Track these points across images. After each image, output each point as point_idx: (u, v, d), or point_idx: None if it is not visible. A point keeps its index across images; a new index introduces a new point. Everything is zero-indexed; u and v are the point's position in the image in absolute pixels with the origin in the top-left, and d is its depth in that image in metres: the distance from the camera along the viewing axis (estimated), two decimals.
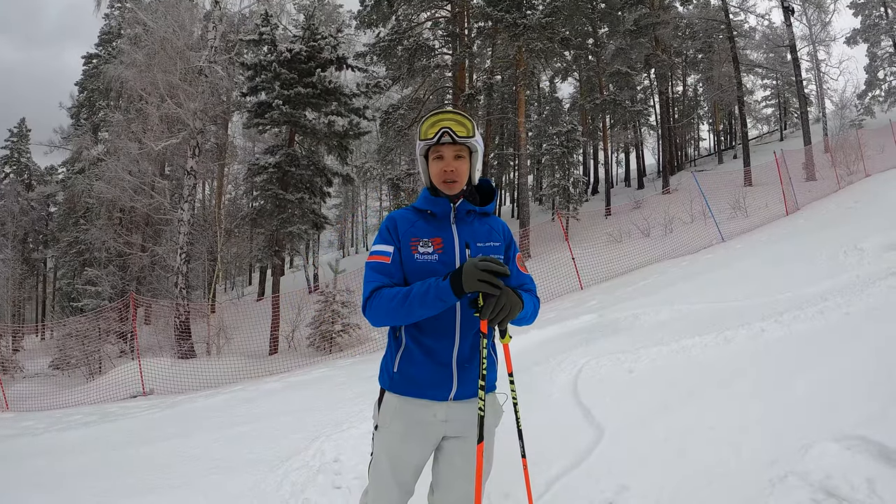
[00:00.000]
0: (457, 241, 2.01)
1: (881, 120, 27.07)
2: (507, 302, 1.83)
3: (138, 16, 20.51)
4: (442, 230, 2.02)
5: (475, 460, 2.00)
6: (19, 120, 39.66)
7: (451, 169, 1.99)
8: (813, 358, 4.27)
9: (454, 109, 2.01)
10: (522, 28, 21.81)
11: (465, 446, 2.04)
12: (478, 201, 2.14)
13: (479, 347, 2.01)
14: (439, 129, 1.95)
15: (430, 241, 1.99)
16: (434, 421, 2.01)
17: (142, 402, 10.18)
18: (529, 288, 2.15)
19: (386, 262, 1.99)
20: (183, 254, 18.71)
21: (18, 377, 18.38)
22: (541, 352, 6.54)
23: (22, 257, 35.40)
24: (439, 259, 1.97)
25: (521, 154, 24.46)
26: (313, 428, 5.07)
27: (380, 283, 1.97)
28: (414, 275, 1.97)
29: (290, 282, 31.69)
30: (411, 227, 2.03)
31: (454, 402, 2.02)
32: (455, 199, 2.04)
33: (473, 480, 2.03)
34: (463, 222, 2.05)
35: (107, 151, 23.51)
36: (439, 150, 1.99)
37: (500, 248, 2.09)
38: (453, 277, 1.80)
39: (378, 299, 1.93)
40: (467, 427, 2.03)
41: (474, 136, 1.99)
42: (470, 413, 2.02)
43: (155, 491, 4.06)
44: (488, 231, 2.10)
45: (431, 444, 2.06)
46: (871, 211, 12.03)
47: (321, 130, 18.07)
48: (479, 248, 2.02)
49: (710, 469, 3.06)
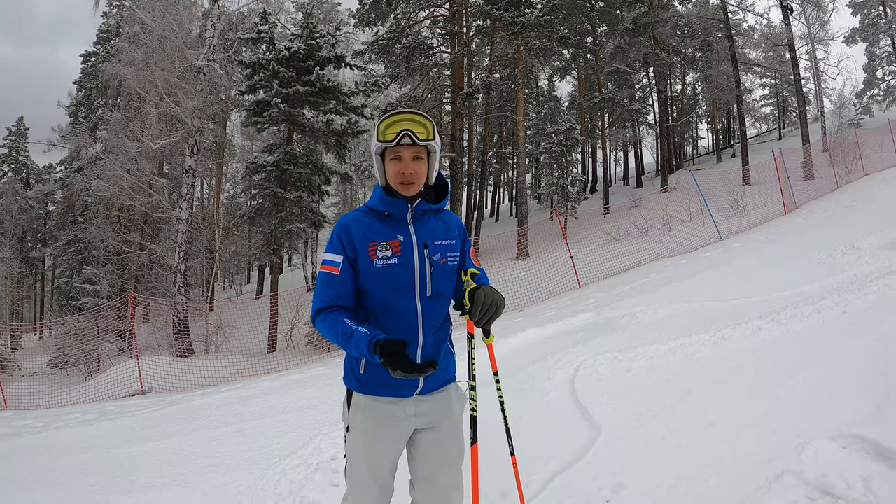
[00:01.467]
0: (415, 242, 2.00)
1: (880, 119, 27.08)
2: (493, 302, 1.89)
3: (137, 14, 20.46)
4: (399, 231, 2.01)
5: (453, 449, 2.11)
6: (17, 118, 39.55)
7: (409, 171, 1.96)
8: (810, 356, 4.29)
9: (413, 109, 1.98)
10: (521, 26, 21.79)
11: (438, 436, 2.09)
12: (433, 199, 2.13)
13: (441, 343, 2.08)
14: (399, 131, 1.91)
15: (388, 244, 1.97)
16: (404, 416, 2.03)
17: (140, 401, 10.18)
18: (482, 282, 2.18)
19: (335, 274, 1.98)
20: (181, 252, 18.68)
21: (17, 375, 18.37)
22: (538, 350, 6.55)
23: (20, 256, 35.26)
24: (399, 262, 1.96)
25: (520, 152, 24.47)
26: (311, 426, 5.08)
27: (326, 302, 1.98)
28: (374, 280, 1.96)
29: (288, 280, 31.71)
30: (367, 230, 2.00)
31: (421, 397, 2.05)
32: (412, 200, 2.02)
33: (452, 470, 2.13)
34: (419, 221, 2.04)
35: (105, 150, 23.47)
36: (398, 150, 1.95)
37: (457, 246, 2.11)
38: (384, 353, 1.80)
39: (321, 324, 1.97)
40: (437, 416, 2.08)
41: (434, 138, 1.96)
42: (437, 403, 2.08)
43: (154, 489, 4.07)
44: (444, 228, 2.10)
45: (404, 439, 2.08)
46: (868, 210, 12.07)
47: (320, 129, 18.04)
48: (436, 245, 2.03)
49: (707, 467, 3.08)
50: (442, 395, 2.11)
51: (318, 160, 19.21)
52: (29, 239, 36.69)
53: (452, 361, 2.19)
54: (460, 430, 2.17)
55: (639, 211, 21.58)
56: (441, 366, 2.07)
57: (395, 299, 1.97)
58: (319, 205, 19.76)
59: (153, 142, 18.99)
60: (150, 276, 24.33)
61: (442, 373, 2.10)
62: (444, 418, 2.10)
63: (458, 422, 2.17)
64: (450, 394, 2.14)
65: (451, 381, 2.17)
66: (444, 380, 2.13)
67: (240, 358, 14.27)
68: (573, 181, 24.49)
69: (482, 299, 1.91)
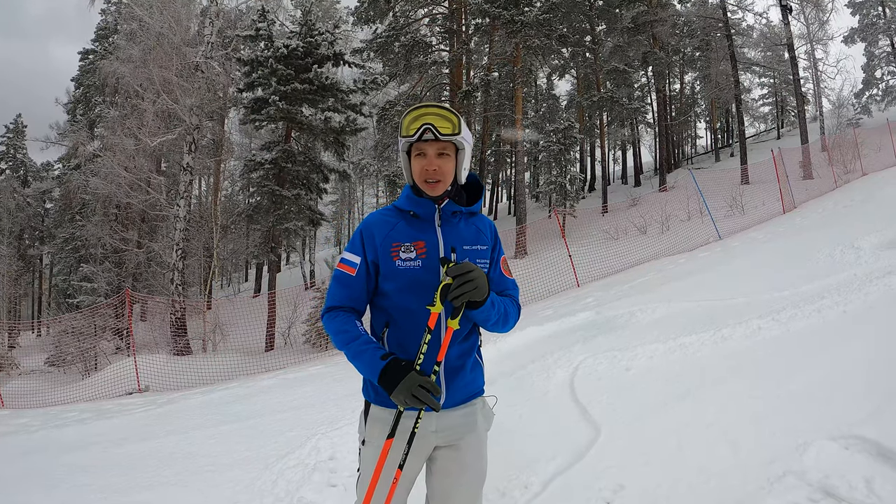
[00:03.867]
0: (442, 245, 1.88)
1: (878, 119, 27.12)
2: (479, 278, 1.73)
3: (135, 11, 20.37)
4: (425, 233, 1.89)
5: (475, 469, 1.95)
6: (15, 115, 39.46)
7: (433, 168, 1.85)
8: (810, 356, 4.28)
9: (439, 103, 1.87)
10: (520, 25, 21.75)
11: (458, 454, 1.94)
12: (464, 200, 2.01)
13: (467, 355, 1.94)
14: (421, 126, 1.80)
15: (413, 246, 1.86)
16: (425, 433, 1.88)
17: (137, 399, 10.15)
18: (511, 294, 2.05)
19: (350, 275, 1.90)
20: (179, 250, 18.64)
21: (14, 374, 18.33)
22: (537, 349, 6.52)
23: (18, 254, 35.25)
24: (423, 265, 1.84)
25: (518, 151, 24.43)
26: (309, 425, 5.05)
27: (338, 302, 1.91)
28: (396, 283, 1.86)
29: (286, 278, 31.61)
30: (391, 230, 1.90)
31: (444, 411, 1.89)
32: (440, 200, 1.91)
33: (472, 491, 1.97)
34: (448, 224, 1.92)
35: (103, 147, 23.43)
36: (421, 147, 1.84)
37: (487, 252, 1.98)
38: (387, 374, 1.73)
39: (329, 325, 1.89)
40: (459, 434, 1.93)
41: (461, 133, 1.84)
42: (462, 419, 1.93)
43: (151, 488, 4.05)
44: (476, 233, 1.97)
45: (424, 456, 1.94)
46: (867, 209, 12.06)
47: (318, 126, 18.01)
48: (465, 251, 1.90)
49: (708, 467, 3.06)
50: (467, 411, 1.95)
51: (317, 158, 19.21)
52: (27, 237, 36.67)
53: (481, 374, 2.03)
54: (484, 449, 2.01)
55: (637, 210, 21.56)
56: (468, 378, 1.94)
57: (417, 304, 1.84)
58: (317, 203, 19.75)
59: (151, 139, 18.93)
60: (147, 273, 24.29)
61: (469, 385, 1.95)
62: (467, 436, 1.94)
63: (482, 440, 2.00)
64: (476, 409, 1.97)
65: (479, 395, 2.01)
66: (471, 393, 1.96)
67: (237, 356, 14.24)
68: (572, 180, 24.49)
69: (468, 267, 1.73)
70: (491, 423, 2.07)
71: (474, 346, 1.98)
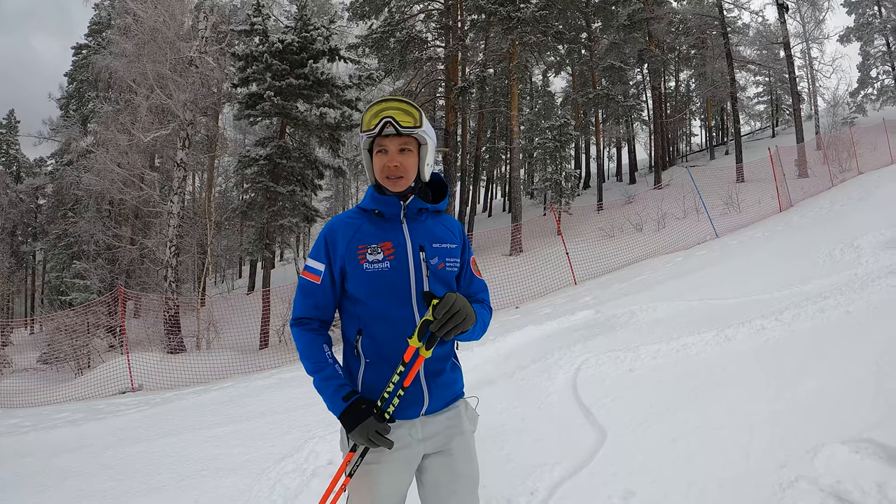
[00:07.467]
0: (409, 243, 1.83)
1: (873, 118, 27.21)
2: (464, 309, 1.68)
3: (128, 5, 20.17)
4: (391, 232, 1.84)
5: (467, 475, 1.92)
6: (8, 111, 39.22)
7: (394, 164, 1.79)
8: (816, 357, 4.23)
9: (397, 97, 1.81)
10: (516, 21, 21.67)
11: (448, 461, 1.89)
12: (430, 198, 1.95)
13: (445, 357, 1.90)
14: (381, 119, 1.75)
15: (380, 247, 1.80)
16: (412, 441, 1.83)
17: (130, 399, 10.05)
18: (482, 298, 2.00)
19: (315, 283, 1.84)
20: (172, 247, 18.51)
21: (7, 372, 18.15)
22: (538, 349, 6.44)
23: (10, 250, 34.99)
24: (391, 266, 1.79)
25: (513, 148, 24.35)
26: (306, 427, 4.97)
27: (303, 312, 1.87)
28: (365, 287, 1.80)
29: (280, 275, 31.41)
30: (356, 232, 1.84)
31: (427, 417, 1.85)
32: (404, 197, 1.86)
33: (467, 498, 1.93)
34: (415, 221, 1.88)
35: (96, 143, 23.21)
36: (383, 143, 1.79)
37: (457, 251, 1.93)
38: (347, 415, 1.73)
39: (297, 343, 1.86)
40: (447, 438, 1.88)
41: (422, 126, 1.78)
42: (447, 422, 1.89)
43: (144, 493, 3.96)
44: (443, 231, 1.93)
45: (413, 466, 1.88)
46: (864, 208, 12.07)
47: (313, 122, 17.89)
48: (434, 248, 1.86)
49: (719, 472, 2.99)
50: (451, 414, 1.91)
51: (311, 154, 19.11)
52: (19, 233, 36.41)
53: (460, 375, 2.00)
54: (473, 452, 1.97)
55: (633, 207, 21.56)
56: (450, 379, 1.91)
57: (389, 308, 1.79)
58: (312, 199, 19.64)
59: (144, 135, 18.78)
60: (140, 270, 24.13)
61: (451, 386, 1.92)
62: (454, 439, 1.90)
63: (469, 442, 1.96)
64: (459, 411, 1.94)
65: (460, 397, 1.98)
66: (453, 395, 1.93)
67: (231, 354, 14.14)
68: (567, 177, 24.50)
69: (453, 300, 1.68)
70: (476, 424, 2.02)
71: (451, 347, 1.94)
